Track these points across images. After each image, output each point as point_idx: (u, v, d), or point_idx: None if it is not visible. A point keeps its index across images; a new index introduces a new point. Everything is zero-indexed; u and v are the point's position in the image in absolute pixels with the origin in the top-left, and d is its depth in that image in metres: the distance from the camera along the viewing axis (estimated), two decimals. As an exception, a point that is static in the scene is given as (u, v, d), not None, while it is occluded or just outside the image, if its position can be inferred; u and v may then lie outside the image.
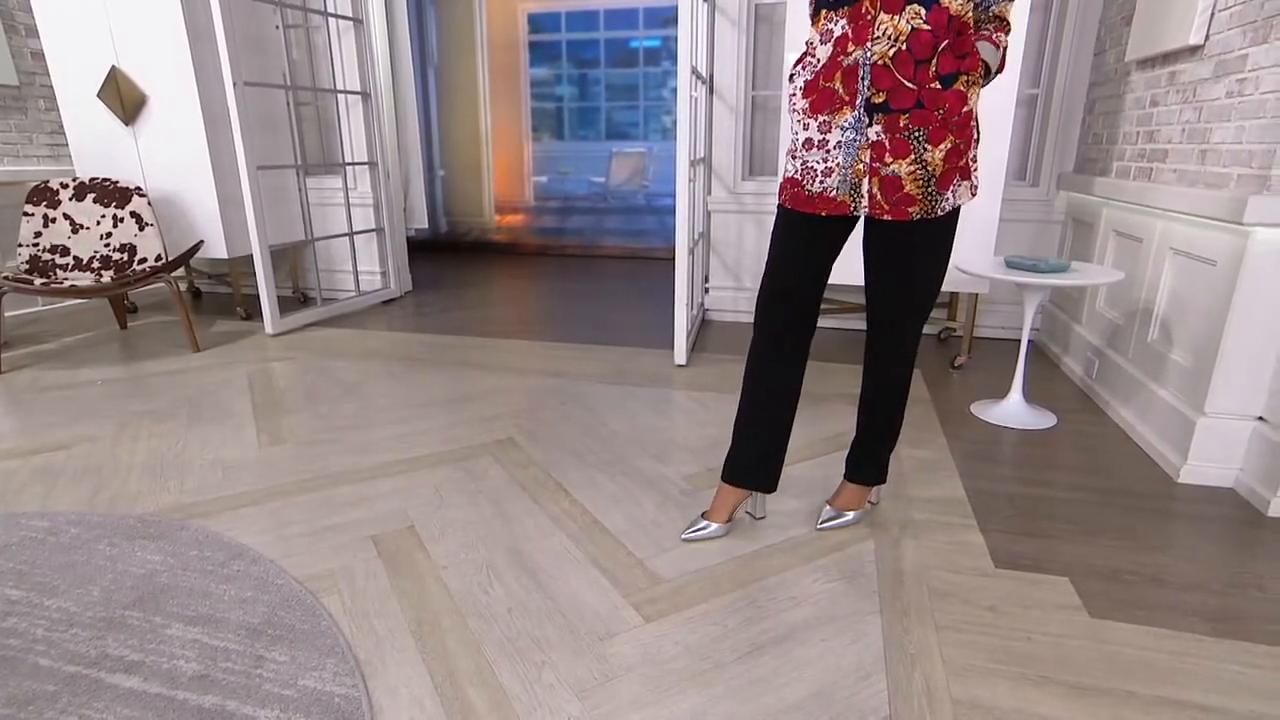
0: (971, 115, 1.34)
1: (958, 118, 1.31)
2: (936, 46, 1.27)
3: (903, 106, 1.30)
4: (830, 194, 1.40)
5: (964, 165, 1.35)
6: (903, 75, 1.29)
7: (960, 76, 1.30)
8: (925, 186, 1.34)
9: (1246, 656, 1.24)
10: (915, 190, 1.34)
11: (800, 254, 1.49)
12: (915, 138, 1.31)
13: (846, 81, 1.33)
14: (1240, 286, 1.76)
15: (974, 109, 1.34)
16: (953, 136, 1.32)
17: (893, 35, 1.28)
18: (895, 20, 1.27)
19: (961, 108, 1.31)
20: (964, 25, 1.29)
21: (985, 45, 1.34)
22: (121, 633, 1.29)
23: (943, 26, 1.27)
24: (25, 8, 3.42)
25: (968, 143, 1.35)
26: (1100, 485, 1.88)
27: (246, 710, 1.11)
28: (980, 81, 1.33)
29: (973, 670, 1.19)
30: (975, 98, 1.34)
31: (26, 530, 1.63)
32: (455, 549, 1.56)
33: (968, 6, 1.29)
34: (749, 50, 3.36)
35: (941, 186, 1.34)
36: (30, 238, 3.04)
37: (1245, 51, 1.80)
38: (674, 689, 1.15)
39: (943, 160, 1.32)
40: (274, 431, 2.24)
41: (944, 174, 1.33)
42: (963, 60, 1.29)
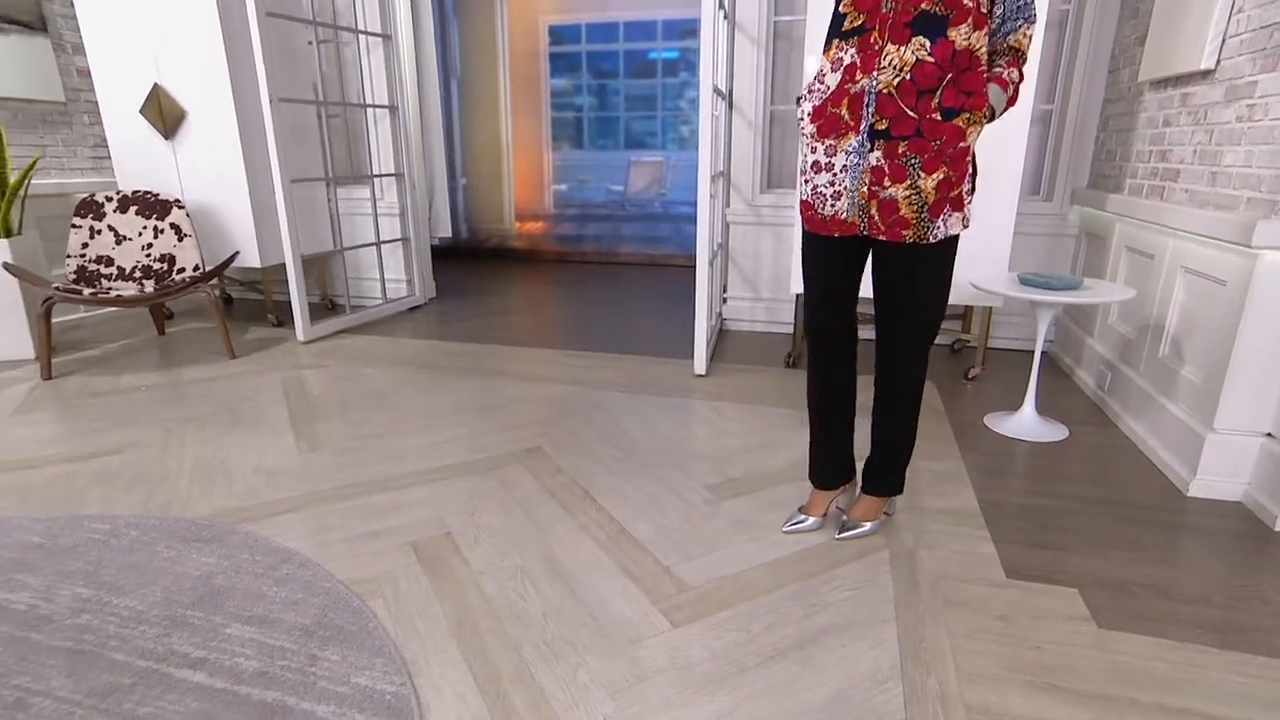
0: (968, 151, 1.40)
1: (953, 150, 1.37)
2: (941, 79, 1.34)
3: (903, 134, 1.37)
4: (841, 216, 1.47)
5: (956, 196, 1.41)
6: (905, 104, 1.36)
7: (962, 113, 1.36)
8: (919, 212, 1.40)
9: (1249, 668, 1.29)
10: (910, 215, 1.41)
11: (826, 273, 1.57)
12: (911, 164, 1.38)
13: (853, 108, 1.41)
14: (1249, 306, 1.80)
15: (971, 146, 1.40)
16: (946, 168, 1.38)
17: (898, 65, 1.35)
18: (901, 51, 1.34)
19: (958, 142, 1.37)
20: (973, 59, 1.35)
21: (994, 88, 1.38)
22: (185, 631, 1.38)
23: (947, 59, 1.33)
24: (73, 28, 3.56)
25: (961, 176, 1.40)
26: (1110, 498, 1.93)
27: (305, 706, 1.19)
28: (983, 121, 1.38)
29: (984, 677, 1.25)
30: (975, 135, 1.39)
31: (90, 532, 1.74)
32: (491, 555, 1.64)
33: (978, 38, 1.35)
34: (768, 66, 3.42)
35: (933, 214, 1.40)
36: (78, 249, 3.17)
37: (1255, 78, 1.85)
38: (701, 691, 1.22)
39: (934, 189, 1.39)
40: (311, 439, 2.33)
41: (936, 202, 1.40)
42: (968, 98, 1.35)
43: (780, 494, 1.91)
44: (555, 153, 6.04)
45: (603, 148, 5.89)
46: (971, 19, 1.33)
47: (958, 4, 1.32)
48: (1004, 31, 1.40)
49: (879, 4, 1.37)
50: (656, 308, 4.31)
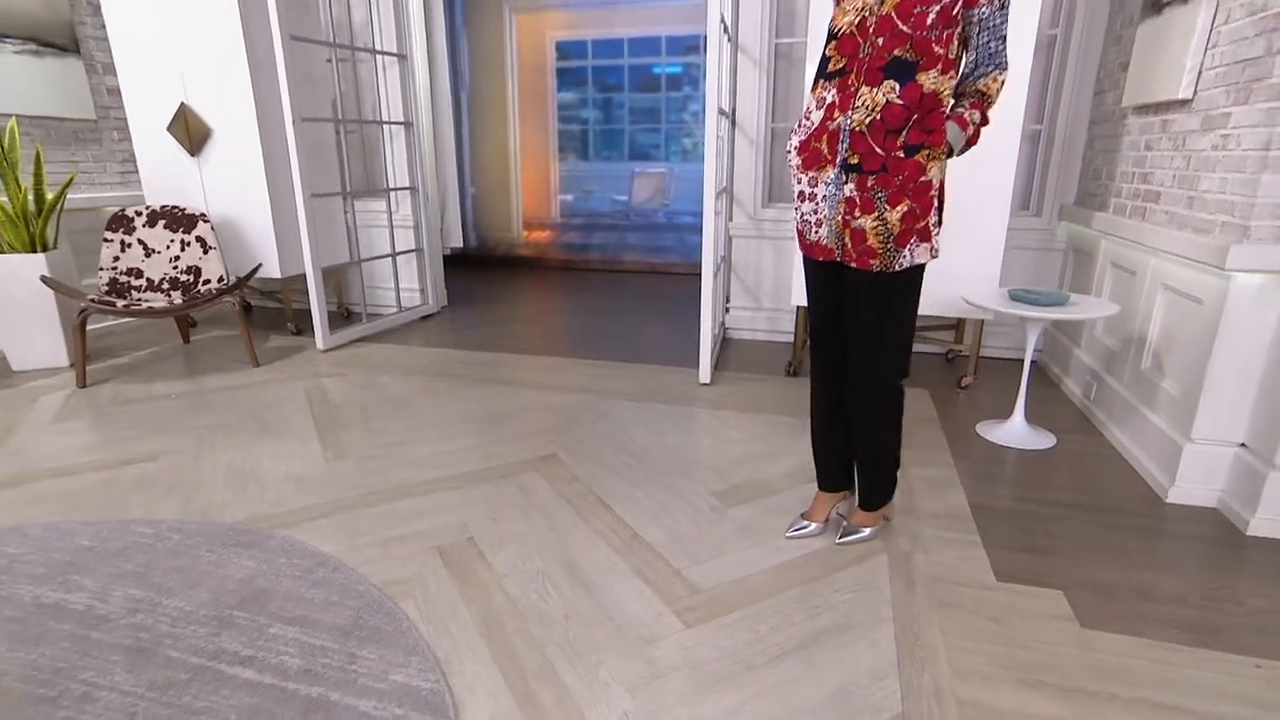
0: (930, 185, 1.46)
1: (914, 185, 1.45)
2: (908, 119, 1.42)
3: (871, 169, 1.46)
4: (823, 242, 1.57)
5: (923, 228, 1.48)
6: (875, 142, 1.44)
7: (922, 149, 1.43)
8: (885, 243, 1.48)
9: (1222, 665, 1.37)
10: (876, 244, 1.49)
11: (818, 292, 1.66)
12: (878, 197, 1.46)
13: (831, 143, 1.49)
14: (1223, 325, 1.88)
15: (933, 180, 1.46)
16: (909, 201, 1.45)
17: (870, 106, 1.43)
18: (873, 93, 1.43)
19: (919, 177, 1.44)
20: (936, 101, 1.42)
21: (952, 126, 1.45)
22: (232, 630, 1.46)
23: (915, 101, 1.41)
24: (103, 49, 3.63)
25: (925, 209, 1.47)
26: (1094, 504, 2.00)
27: (348, 701, 1.26)
28: (941, 157, 1.45)
29: (976, 674, 1.33)
30: (935, 170, 1.46)
31: (135, 536, 1.81)
32: (513, 559, 1.72)
33: (944, 82, 1.42)
34: (769, 86, 3.49)
35: (899, 244, 1.48)
36: (110, 261, 3.24)
37: (1229, 110, 1.92)
38: (713, 688, 1.29)
39: (899, 221, 1.46)
40: (336, 446, 2.40)
41: (901, 233, 1.47)
42: (929, 135, 1.43)
43: (783, 501, 1.99)
44: (561, 163, 6.10)
45: (607, 159, 5.95)
46: (940, 65, 1.41)
47: (928, 51, 1.40)
48: (975, 76, 1.46)
49: (858, 49, 1.45)
50: (660, 315, 4.38)
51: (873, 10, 1.45)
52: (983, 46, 1.43)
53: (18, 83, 3.29)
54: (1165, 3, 2.32)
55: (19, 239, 2.95)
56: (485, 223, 6.34)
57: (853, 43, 1.47)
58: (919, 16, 1.39)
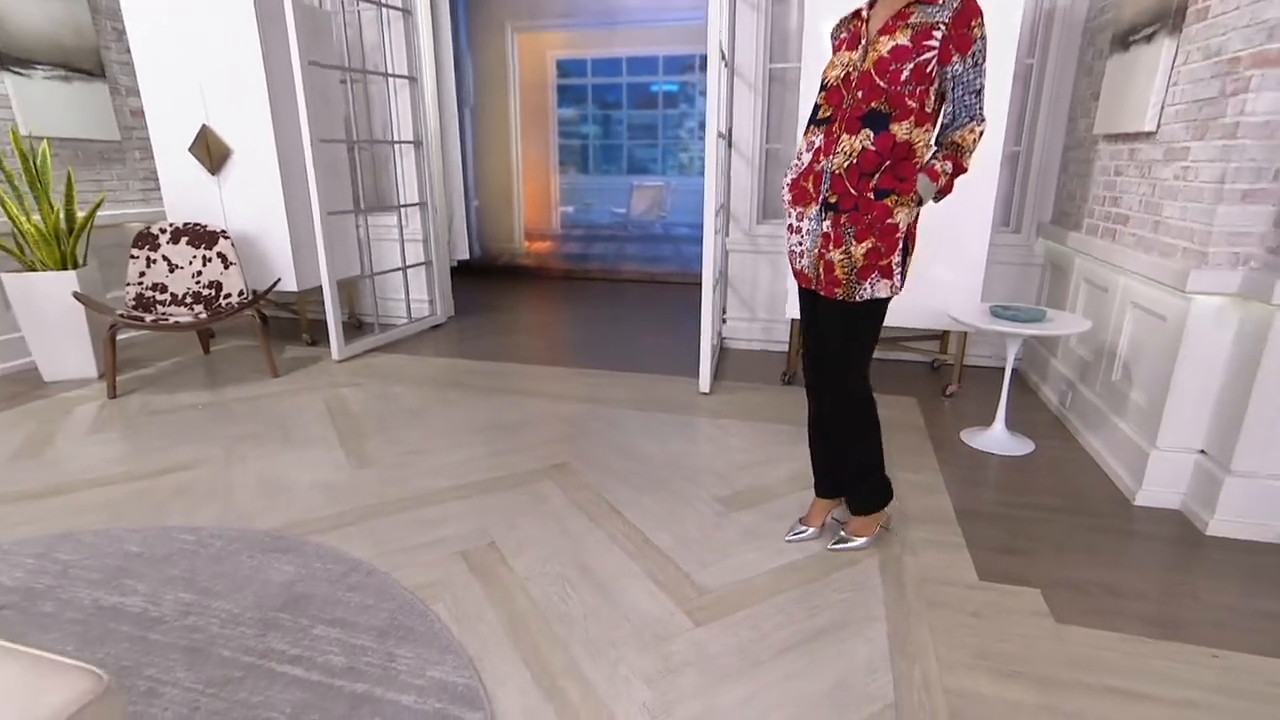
0: (896, 228, 1.55)
1: (880, 226, 1.55)
2: (880, 165, 1.52)
3: (845, 208, 1.56)
4: (805, 271, 1.67)
5: (885, 265, 1.57)
6: (850, 183, 1.55)
7: (892, 195, 1.53)
8: (849, 274, 1.58)
9: (1181, 654, 1.47)
10: (841, 275, 1.59)
11: (807, 315, 1.75)
12: (847, 233, 1.56)
13: (815, 183, 1.60)
14: (1184, 342, 1.99)
15: (900, 224, 1.55)
16: (874, 239, 1.55)
17: (848, 151, 1.54)
18: (852, 140, 1.53)
19: (885, 219, 1.54)
20: (910, 150, 1.52)
21: (922, 178, 1.53)
22: (278, 631, 1.54)
23: (887, 149, 1.51)
24: (127, 73, 3.69)
25: (890, 249, 1.56)
26: (1068, 507, 2.11)
27: (391, 695, 1.35)
28: (910, 204, 1.55)
29: (960, 666, 1.43)
30: (903, 215, 1.55)
31: (179, 542, 1.88)
32: (533, 563, 1.80)
33: (918, 133, 1.52)
34: (764, 108, 3.59)
35: (860, 277, 1.58)
36: (136, 277, 3.30)
37: (1188, 144, 2.03)
38: (724, 681, 1.39)
39: (863, 256, 1.56)
40: (359, 455, 2.48)
41: (863, 267, 1.57)
42: (900, 182, 1.53)
43: (782, 506, 2.08)
44: (562, 177, 6.18)
45: (606, 173, 6.04)
46: (913, 117, 1.50)
47: (901, 104, 1.50)
48: (953, 127, 1.55)
49: (842, 100, 1.56)
50: (659, 324, 4.47)
51: (855, 66, 1.55)
52: (958, 100, 1.52)
53: (49, 107, 3.35)
54: (1132, 40, 2.43)
55: (51, 257, 3.02)
56: (488, 233, 6.42)
57: (838, 94, 1.57)
58: (894, 73, 1.49)
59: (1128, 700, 1.34)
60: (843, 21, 1.68)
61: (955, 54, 1.48)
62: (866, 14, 1.60)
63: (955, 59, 1.48)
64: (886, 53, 1.50)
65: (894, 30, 1.51)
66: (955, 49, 1.48)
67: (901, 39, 1.49)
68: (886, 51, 1.50)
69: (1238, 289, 1.87)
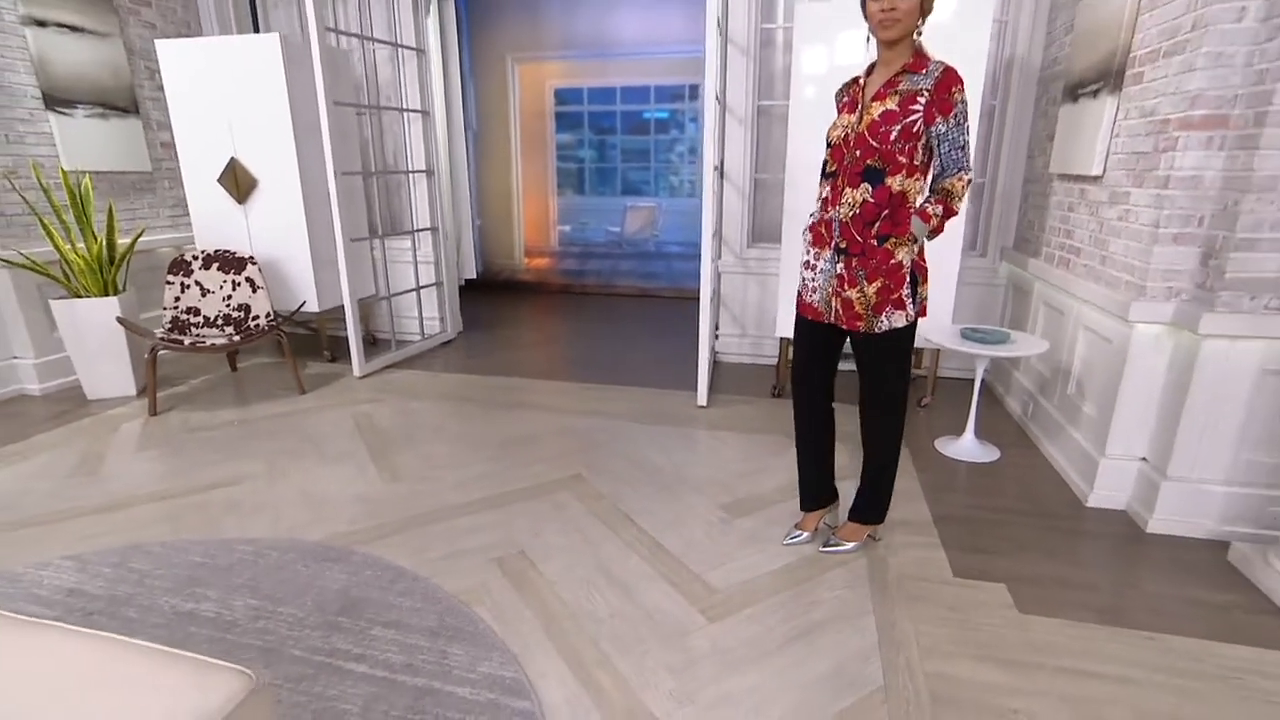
0: (900, 266, 1.71)
1: (886, 266, 1.71)
2: (879, 214, 1.69)
3: (855, 253, 1.72)
4: (815, 305, 1.82)
5: (897, 299, 1.73)
6: (855, 231, 1.71)
7: (890, 239, 1.70)
8: (866, 310, 1.74)
9: (1123, 637, 1.65)
10: (860, 310, 1.75)
11: (805, 344, 1.91)
12: (859, 275, 1.73)
13: (828, 230, 1.77)
14: (1128, 363, 2.18)
15: (903, 261, 1.71)
16: (883, 279, 1.72)
17: (852, 203, 1.71)
18: (854, 193, 1.70)
19: (889, 260, 1.71)
20: (904, 199, 1.68)
21: (915, 220, 1.70)
22: (339, 633, 1.66)
23: (885, 200, 1.68)
24: (159, 108, 3.77)
25: (898, 284, 1.72)
26: (1030, 509, 2.29)
27: (448, 689, 1.48)
28: (908, 244, 1.71)
29: (939, 652, 1.59)
30: (904, 253, 1.71)
31: (239, 553, 2.00)
32: (560, 569, 1.94)
33: (910, 184, 1.69)
34: (753, 140, 3.76)
35: (875, 311, 1.74)
36: (171, 301, 3.39)
37: (1128, 190, 2.23)
38: (737, 670, 1.54)
39: (875, 294, 1.73)
40: (391, 470, 2.60)
41: (877, 303, 1.73)
42: (896, 227, 1.70)
43: (778, 512, 2.24)
44: (560, 198, 6.33)
45: (602, 194, 6.20)
46: (905, 171, 1.67)
47: (893, 160, 1.66)
48: (943, 177, 1.72)
49: (844, 157, 1.72)
50: (654, 337, 4.62)
51: (853, 128, 1.71)
52: (945, 155, 1.67)
53: (88, 143, 3.43)
54: (1080, 93, 2.63)
55: (95, 284, 3.10)
56: (490, 251, 6.53)
57: (840, 152, 1.73)
58: (884, 134, 1.66)
59: (1079, 678, 1.52)
60: (844, 87, 1.83)
61: (939, 116, 1.63)
62: (863, 81, 1.76)
63: (939, 120, 1.64)
64: (878, 116, 1.66)
65: (885, 96, 1.67)
66: (938, 112, 1.63)
67: (891, 104, 1.65)
68: (878, 115, 1.66)
69: (1171, 319, 2.07)
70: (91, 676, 0.92)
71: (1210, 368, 1.99)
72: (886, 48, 1.67)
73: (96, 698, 0.89)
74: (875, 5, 1.61)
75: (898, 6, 1.58)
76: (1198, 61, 1.90)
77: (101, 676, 0.92)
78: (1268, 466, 2.01)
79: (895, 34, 1.62)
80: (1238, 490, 2.05)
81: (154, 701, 0.87)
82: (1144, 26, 2.21)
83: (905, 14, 1.59)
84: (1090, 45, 2.59)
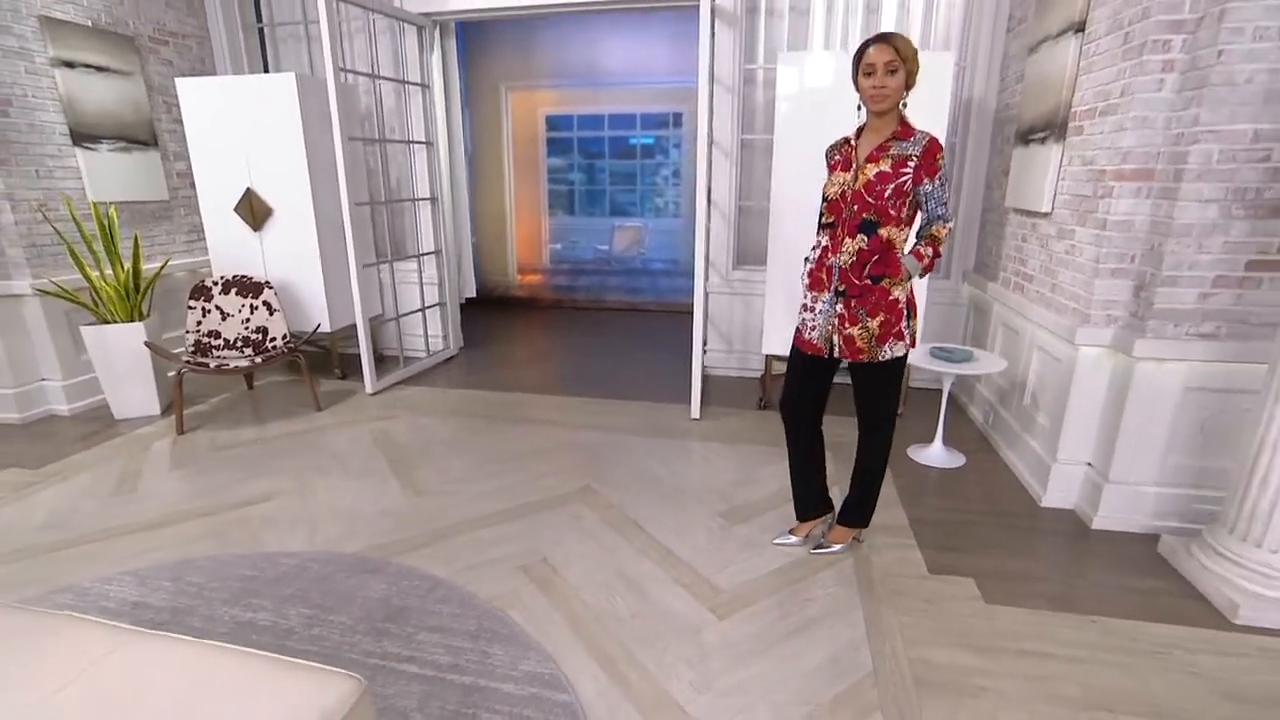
0: (897, 302, 1.90)
1: (885, 302, 1.89)
2: (872, 259, 1.87)
3: (854, 294, 1.90)
4: (815, 341, 1.99)
5: (897, 330, 1.92)
6: (854, 275, 1.89)
7: (884, 279, 1.88)
8: (869, 342, 1.92)
9: (1072, 621, 1.85)
10: (863, 344, 1.93)
11: (799, 375, 2.08)
12: (861, 313, 1.90)
13: (828, 275, 1.94)
14: (1074, 380, 2.39)
15: (899, 297, 1.90)
16: (884, 314, 1.90)
17: (850, 250, 1.88)
18: (853, 242, 1.88)
19: (886, 297, 1.89)
20: (891, 245, 1.87)
21: (909, 259, 1.88)
22: (388, 638, 1.78)
23: (878, 247, 1.86)
24: (176, 139, 3.82)
25: (897, 317, 1.91)
26: (992, 510, 2.50)
27: (494, 685, 1.62)
28: (901, 282, 1.89)
29: (919, 641, 1.77)
30: (898, 291, 1.90)
31: (284, 566, 2.10)
32: (581, 574, 2.08)
33: (898, 233, 1.88)
34: (737, 172, 3.94)
35: (879, 342, 1.92)
36: (194, 325, 3.45)
37: (1073, 228, 2.45)
38: (746, 661, 1.70)
39: (878, 327, 1.91)
40: (413, 485, 2.71)
41: (880, 335, 1.91)
42: (888, 269, 1.88)
43: (770, 519, 2.40)
44: (551, 218, 6.45)
45: (591, 214, 6.35)
46: (895, 223, 1.86)
47: (885, 214, 1.85)
48: (930, 226, 1.90)
49: (842, 211, 1.90)
50: (643, 350, 4.76)
51: (849, 185, 1.89)
52: (930, 209, 1.86)
53: (112, 176, 3.47)
54: (1030, 139, 2.86)
55: (123, 310, 3.15)
56: (485, 268, 6.62)
57: (838, 206, 1.91)
58: (879, 192, 1.84)
59: (1037, 659, 1.71)
60: (835, 146, 2.00)
61: (926, 178, 1.82)
62: (855, 142, 1.94)
63: (925, 181, 1.82)
64: (873, 177, 1.84)
65: (878, 159, 1.85)
66: (926, 174, 1.82)
67: (884, 166, 1.83)
68: (873, 176, 1.84)
69: (1110, 343, 2.29)
70: (218, 681, 1.04)
71: (1143, 385, 2.21)
72: (876, 116, 1.86)
73: (229, 701, 1.01)
74: (867, 82, 1.79)
75: (887, 85, 1.76)
76: (1127, 122, 2.13)
77: (227, 681, 1.05)
78: (1191, 470, 2.24)
79: (884, 107, 1.81)
80: (1166, 490, 2.28)
81: (280, 704, 1.00)
82: (1083, 86, 2.44)
83: (893, 91, 1.77)
84: (1039, 97, 2.82)
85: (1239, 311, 2.10)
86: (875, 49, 1.77)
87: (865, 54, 1.79)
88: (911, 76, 1.79)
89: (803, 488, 2.20)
